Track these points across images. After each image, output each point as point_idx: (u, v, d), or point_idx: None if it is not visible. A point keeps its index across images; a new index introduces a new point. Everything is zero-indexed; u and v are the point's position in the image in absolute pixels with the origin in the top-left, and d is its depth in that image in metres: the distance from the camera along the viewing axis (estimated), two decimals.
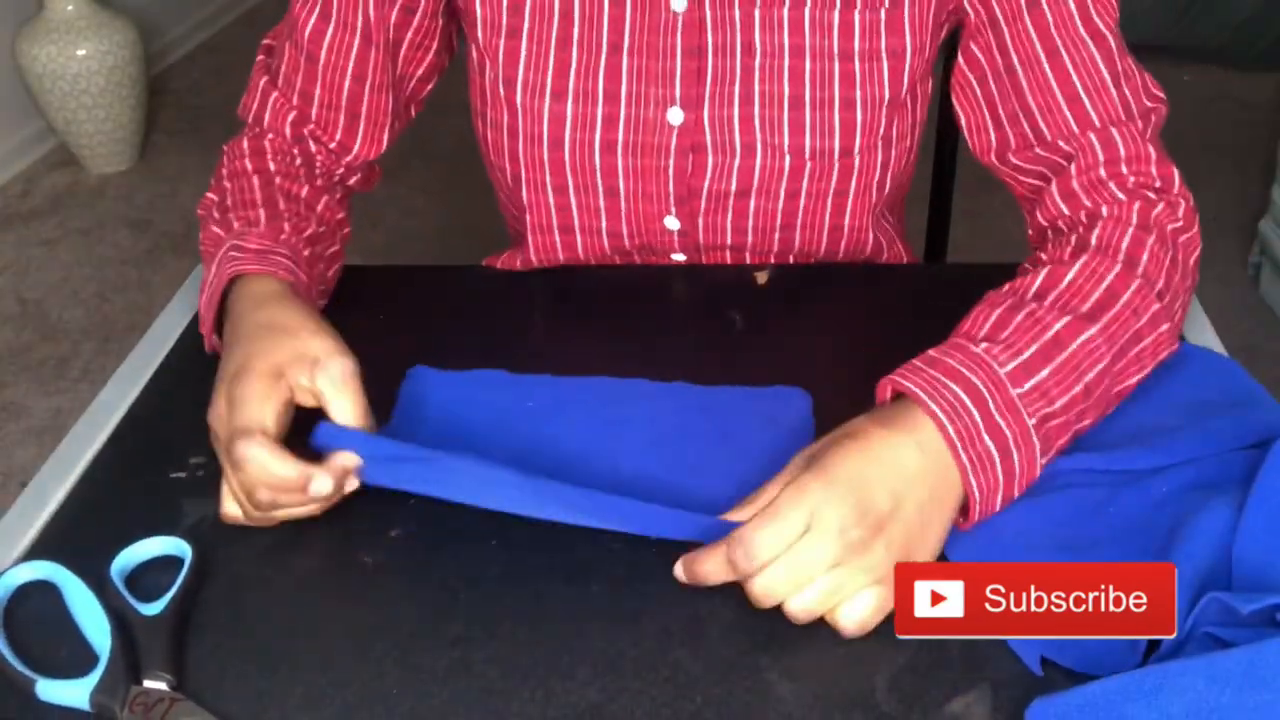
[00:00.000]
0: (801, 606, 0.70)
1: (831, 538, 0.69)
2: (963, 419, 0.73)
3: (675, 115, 0.97)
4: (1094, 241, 0.87)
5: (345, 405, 0.77)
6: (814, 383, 0.89)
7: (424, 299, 1.05)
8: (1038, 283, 0.83)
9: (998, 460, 0.74)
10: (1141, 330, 0.83)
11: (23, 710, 0.68)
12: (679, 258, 1.08)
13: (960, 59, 0.97)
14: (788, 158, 0.98)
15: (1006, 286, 0.84)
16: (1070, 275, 0.83)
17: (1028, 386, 0.76)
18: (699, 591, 0.73)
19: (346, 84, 1.00)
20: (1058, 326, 0.79)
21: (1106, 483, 0.78)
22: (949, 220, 1.43)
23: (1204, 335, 0.97)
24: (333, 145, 1.02)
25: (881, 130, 0.98)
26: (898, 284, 1.08)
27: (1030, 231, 0.97)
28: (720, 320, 0.99)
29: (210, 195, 0.99)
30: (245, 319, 0.82)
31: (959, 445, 0.73)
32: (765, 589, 0.70)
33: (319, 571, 0.77)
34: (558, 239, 1.05)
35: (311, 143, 1.02)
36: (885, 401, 0.77)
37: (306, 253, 0.92)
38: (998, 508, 0.76)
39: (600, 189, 1.01)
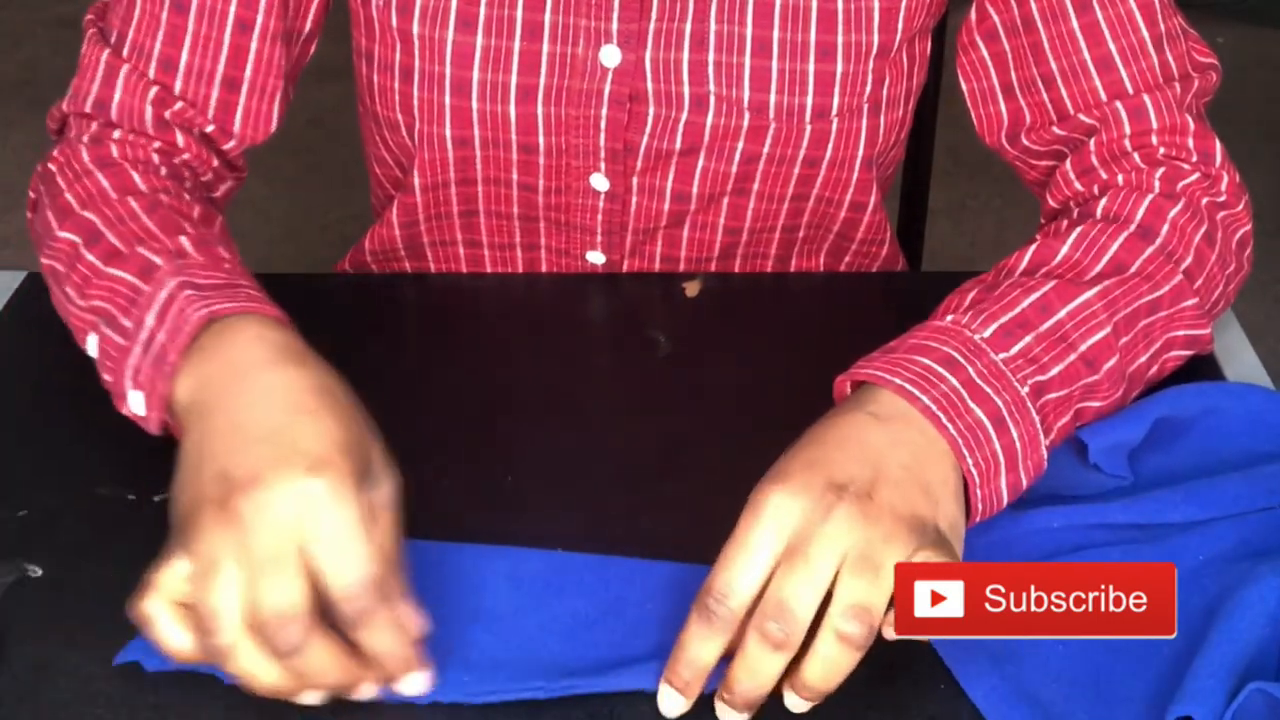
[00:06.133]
0: (845, 611, 0.59)
1: (825, 517, 0.60)
2: (938, 387, 0.67)
3: (610, 55, 0.88)
4: (1099, 212, 0.81)
5: (371, 545, 0.60)
6: (757, 422, 0.78)
7: None
8: (1025, 260, 0.78)
9: (992, 431, 0.67)
10: (1159, 301, 0.76)
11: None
12: (595, 259, 0.98)
13: (972, 13, 0.90)
14: (746, 115, 0.89)
15: (991, 271, 0.79)
16: (1064, 249, 0.78)
17: (1014, 350, 0.70)
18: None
19: (227, 35, 0.84)
20: (1044, 290, 0.73)
21: (1124, 541, 0.72)
22: (924, 217, 1.35)
23: (1238, 357, 0.88)
24: (209, 129, 0.85)
25: (868, 90, 0.90)
26: (864, 296, 1.01)
27: (1042, 220, 0.89)
28: (640, 340, 0.90)
29: (65, 236, 0.76)
30: (273, 371, 0.64)
31: (942, 417, 0.66)
32: (780, 606, 0.59)
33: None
34: (454, 192, 0.95)
35: (179, 134, 0.84)
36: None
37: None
38: (1004, 499, 0.68)
39: (514, 145, 0.91)
